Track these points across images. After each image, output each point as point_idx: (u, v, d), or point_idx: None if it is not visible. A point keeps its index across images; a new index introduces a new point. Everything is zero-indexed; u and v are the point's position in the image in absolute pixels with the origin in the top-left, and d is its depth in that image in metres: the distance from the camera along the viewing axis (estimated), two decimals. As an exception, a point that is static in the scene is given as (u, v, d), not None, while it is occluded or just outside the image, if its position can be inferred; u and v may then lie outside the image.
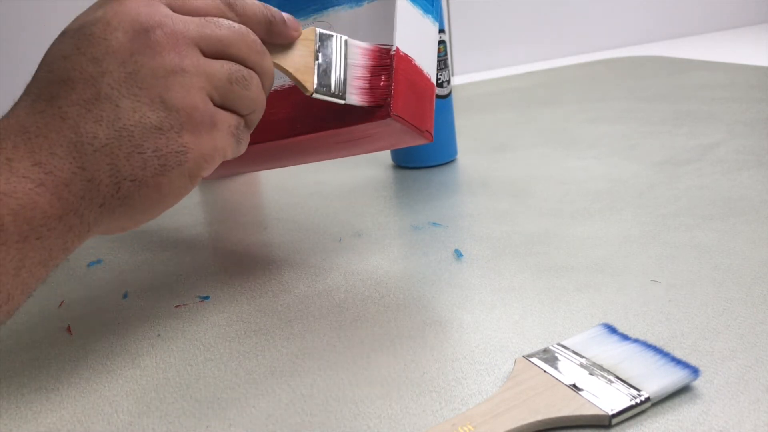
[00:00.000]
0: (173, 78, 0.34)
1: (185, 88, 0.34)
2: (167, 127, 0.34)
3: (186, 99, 0.34)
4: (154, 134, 0.34)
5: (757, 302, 0.38)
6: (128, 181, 0.33)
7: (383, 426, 0.32)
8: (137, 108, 0.33)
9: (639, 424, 0.30)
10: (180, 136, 0.34)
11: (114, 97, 0.33)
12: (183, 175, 0.35)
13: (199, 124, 0.35)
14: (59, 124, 0.33)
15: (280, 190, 0.68)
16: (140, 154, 0.33)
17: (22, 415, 0.35)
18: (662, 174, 0.60)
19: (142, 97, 0.33)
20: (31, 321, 0.46)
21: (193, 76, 0.35)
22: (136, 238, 0.59)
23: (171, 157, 0.34)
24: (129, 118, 0.33)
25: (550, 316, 0.39)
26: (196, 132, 0.35)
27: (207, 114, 0.35)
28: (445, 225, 0.54)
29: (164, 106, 0.34)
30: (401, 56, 0.41)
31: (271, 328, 0.41)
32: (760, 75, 0.95)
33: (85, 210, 0.33)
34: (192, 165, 0.35)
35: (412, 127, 0.41)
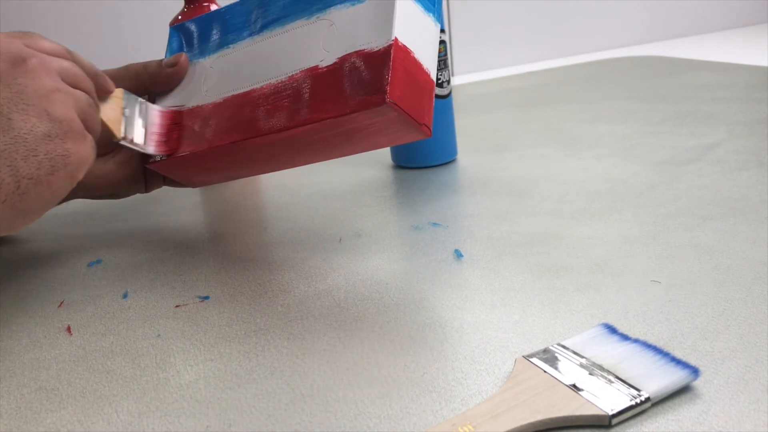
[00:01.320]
0: (54, 95, 0.41)
1: (63, 104, 0.41)
2: (54, 134, 0.40)
3: (66, 112, 0.41)
4: (44, 140, 0.40)
5: (757, 302, 0.38)
6: (26, 179, 0.39)
7: (383, 426, 0.32)
8: (27, 120, 0.40)
9: (639, 424, 0.30)
10: (64, 143, 0.41)
11: (5, 112, 0.39)
12: (68, 176, 0.41)
13: (77, 134, 0.42)
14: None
15: (280, 190, 0.68)
16: (35, 157, 0.39)
17: (22, 415, 0.35)
18: (662, 174, 0.60)
19: (30, 111, 0.40)
20: (31, 321, 0.46)
21: (66, 95, 0.42)
22: (136, 238, 0.59)
23: (59, 159, 0.40)
24: (21, 127, 0.39)
25: (550, 316, 0.39)
26: (75, 140, 0.41)
27: (80, 127, 0.42)
28: (445, 225, 0.54)
29: (50, 118, 0.40)
30: (399, 47, 0.41)
31: (271, 328, 0.41)
32: (760, 75, 0.95)
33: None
34: (73, 168, 0.41)
35: (409, 118, 0.41)
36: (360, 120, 0.42)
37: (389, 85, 0.40)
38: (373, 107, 0.40)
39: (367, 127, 0.43)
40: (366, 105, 0.40)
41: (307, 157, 0.50)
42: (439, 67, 0.67)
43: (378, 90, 0.40)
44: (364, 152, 0.48)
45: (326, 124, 0.43)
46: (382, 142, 0.46)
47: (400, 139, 0.45)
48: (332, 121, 0.42)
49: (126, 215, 0.66)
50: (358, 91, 0.41)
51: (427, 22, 0.44)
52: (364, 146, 0.47)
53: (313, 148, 0.48)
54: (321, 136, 0.45)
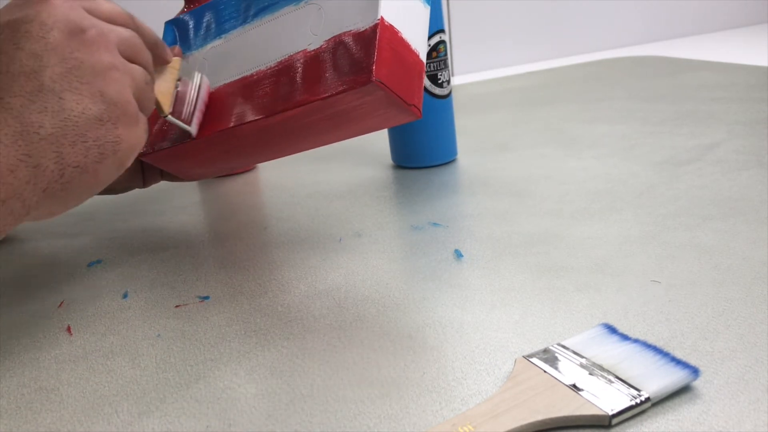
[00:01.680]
0: (110, 74, 0.38)
1: (120, 83, 0.38)
2: (106, 118, 0.37)
3: (121, 94, 0.38)
4: (95, 125, 0.37)
5: (757, 302, 0.38)
6: (72, 168, 0.36)
7: (383, 426, 0.32)
8: (79, 100, 0.36)
9: (639, 424, 0.30)
10: (116, 128, 0.38)
11: (57, 90, 0.35)
12: (116, 163, 0.38)
13: (130, 118, 0.39)
14: (2, 114, 0.34)
15: (280, 190, 0.68)
16: (83, 143, 0.36)
17: (22, 415, 0.35)
18: (662, 174, 0.60)
19: (83, 90, 0.36)
20: (31, 321, 0.46)
21: (123, 74, 0.38)
22: (136, 238, 0.59)
23: (108, 146, 0.37)
24: (73, 109, 0.36)
25: (550, 316, 0.39)
26: (127, 125, 0.38)
27: (135, 110, 0.39)
28: (445, 225, 0.54)
29: (103, 100, 0.37)
30: (386, 26, 0.41)
31: (271, 328, 0.41)
32: (760, 75, 0.95)
33: (29, 194, 0.35)
34: (122, 155, 0.38)
35: (397, 98, 0.41)
36: (348, 101, 0.41)
37: (375, 64, 0.39)
38: (360, 86, 0.40)
39: (356, 109, 0.42)
40: (353, 84, 0.40)
41: (299, 144, 0.49)
42: (439, 67, 0.67)
43: (364, 69, 0.40)
44: (356, 136, 0.48)
45: (315, 106, 0.42)
46: (372, 125, 0.45)
47: (390, 121, 0.44)
48: (320, 103, 0.42)
49: (126, 215, 0.66)
50: (345, 72, 0.41)
51: (415, 4, 0.44)
52: (355, 130, 0.46)
53: (305, 133, 0.47)
54: (311, 120, 0.44)
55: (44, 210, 0.37)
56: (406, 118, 0.43)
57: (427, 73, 0.66)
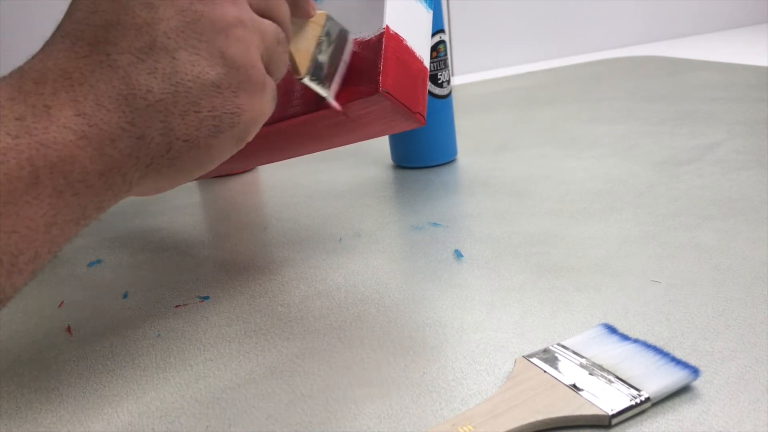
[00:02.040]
0: (234, 31, 0.32)
1: (245, 44, 0.32)
2: (225, 85, 0.32)
3: (246, 57, 0.32)
4: (211, 92, 0.31)
5: (757, 302, 0.38)
6: (181, 141, 0.31)
7: (383, 426, 0.32)
8: (196, 62, 0.31)
9: (639, 424, 0.30)
10: (237, 96, 0.32)
11: (171, 48, 0.30)
12: (233, 138, 0.33)
13: (255, 85, 0.33)
14: (108, 73, 0.30)
15: (280, 190, 0.68)
16: (196, 113, 0.31)
17: (22, 415, 0.35)
18: (662, 174, 0.60)
19: (201, 50, 0.31)
20: (31, 321, 0.46)
21: (251, 32, 0.33)
22: (136, 238, 0.59)
23: (225, 117, 0.32)
24: (187, 72, 0.30)
25: (550, 316, 0.39)
26: (251, 93, 0.33)
27: (261, 75, 0.33)
28: (445, 225, 0.54)
29: (224, 62, 0.31)
30: (391, 35, 0.41)
31: (271, 328, 0.41)
32: (760, 75, 0.95)
33: (131, 168, 0.31)
34: (242, 128, 0.33)
35: (403, 107, 0.41)
36: (354, 110, 0.41)
37: (382, 74, 0.39)
38: (366, 97, 0.40)
39: (362, 117, 0.43)
40: (359, 95, 0.40)
41: (303, 148, 0.49)
42: (439, 67, 0.67)
43: (370, 79, 0.40)
44: (360, 141, 0.48)
45: (320, 114, 0.42)
46: (377, 131, 0.45)
47: (394, 128, 0.44)
48: (326, 112, 0.42)
49: (126, 215, 0.66)
50: (351, 81, 0.41)
51: (419, 9, 0.44)
52: (360, 135, 0.46)
53: (309, 138, 0.47)
54: (316, 127, 0.44)
55: (149, 187, 0.33)
56: (411, 125, 0.43)
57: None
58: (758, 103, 0.80)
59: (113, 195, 0.31)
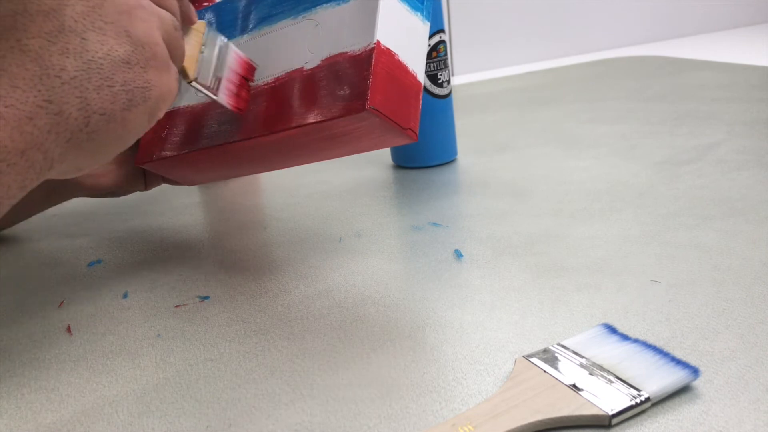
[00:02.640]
0: (135, 12, 0.34)
1: (147, 24, 0.35)
2: (134, 61, 0.34)
3: (150, 35, 0.35)
4: (122, 68, 0.33)
5: (757, 302, 0.38)
6: (98, 115, 0.33)
7: (383, 426, 0.32)
8: (104, 41, 0.33)
9: (639, 424, 0.30)
10: (146, 72, 0.34)
11: (79, 30, 0.32)
12: (145, 113, 0.35)
13: (161, 62, 0.35)
14: (19, 57, 0.31)
15: (280, 190, 0.68)
16: (110, 88, 0.33)
17: (22, 415, 0.35)
18: (662, 174, 0.60)
19: (107, 30, 0.33)
20: (31, 321, 0.46)
21: (151, 14, 0.35)
22: (136, 238, 0.59)
23: (137, 92, 0.34)
24: (97, 50, 0.33)
25: (550, 316, 0.39)
26: (158, 70, 0.35)
27: (165, 54, 0.36)
28: (445, 225, 0.54)
29: (130, 41, 0.34)
30: (382, 50, 0.40)
31: (271, 328, 0.41)
32: (760, 75, 0.95)
33: (51, 144, 0.32)
34: (153, 103, 0.35)
35: (393, 123, 0.40)
36: (342, 125, 0.41)
37: (370, 90, 0.39)
38: (354, 113, 0.39)
39: (351, 132, 0.42)
40: (347, 111, 0.39)
41: (296, 159, 0.49)
42: (439, 67, 0.67)
43: (359, 96, 0.39)
44: (353, 154, 0.47)
45: (309, 128, 0.42)
46: (367, 146, 0.45)
47: (385, 143, 0.44)
48: (314, 127, 0.41)
49: (126, 215, 0.66)
50: (340, 97, 0.40)
51: (414, 22, 0.43)
52: (350, 150, 0.46)
53: (301, 151, 0.47)
54: (305, 140, 0.44)
55: (70, 164, 0.34)
56: (402, 141, 0.43)
57: (427, 73, 0.66)
58: (758, 103, 0.80)
59: (35, 174, 0.32)
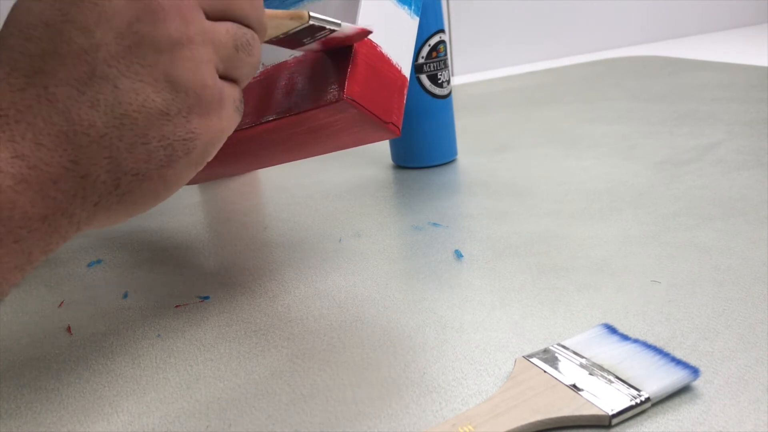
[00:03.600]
0: (179, 51, 0.29)
1: (194, 63, 0.29)
2: (175, 111, 0.29)
3: (195, 77, 0.29)
4: (160, 120, 0.29)
5: (757, 302, 0.38)
6: (130, 176, 0.29)
7: (383, 426, 0.32)
8: (140, 89, 0.28)
9: (639, 424, 0.30)
10: (189, 121, 0.30)
11: (112, 77, 0.28)
12: (189, 164, 0.31)
13: (209, 104, 0.30)
14: (46, 109, 0.27)
15: (280, 190, 0.68)
16: (144, 145, 0.29)
17: (22, 415, 0.35)
18: (662, 174, 0.60)
19: (144, 75, 0.28)
20: (31, 321, 0.46)
21: (200, 47, 0.30)
22: (136, 238, 0.59)
23: (178, 145, 0.29)
24: (131, 102, 0.28)
25: (550, 316, 0.39)
26: (205, 114, 0.30)
27: (216, 91, 0.31)
28: (445, 225, 0.54)
29: (171, 87, 0.29)
30: (363, 41, 0.39)
31: (271, 328, 0.41)
32: (760, 75, 0.95)
33: (77, 209, 0.29)
34: (200, 152, 0.31)
35: (372, 116, 0.39)
36: (321, 117, 0.40)
37: (347, 81, 0.38)
38: (330, 104, 0.38)
39: (331, 125, 0.41)
40: (323, 102, 0.39)
41: (280, 155, 0.48)
42: (439, 67, 0.67)
43: (337, 86, 0.38)
44: (334, 152, 0.46)
45: (288, 121, 0.41)
46: (349, 142, 0.44)
47: (367, 137, 0.43)
48: (294, 118, 0.41)
49: (126, 215, 0.66)
50: (319, 88, 0.39)
51: (400, 15, 0.43)
52: (334, 145, 0.45)
53: (283, 146, 0.46)
54: (288, 134, 0.43)
55: (100, 223, 0.31)
56: (383, 136, 0.42)
57: (427, 73, 0.66)
58: (758, 103, 0.80)
59: (60, 237, 0.29)
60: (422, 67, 0.66)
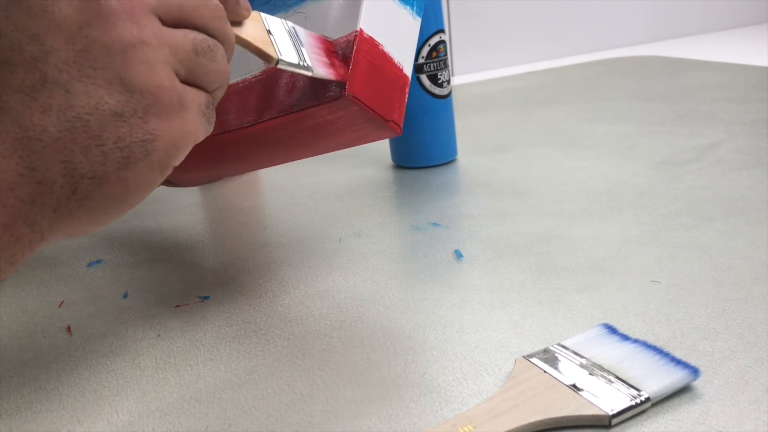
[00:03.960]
0: (132, 52, 0.29)
1: (148, 64, 0.29)
2: (129, 112, 0.29)
3: (150, 77, 0.29)
4: (114, 122, 0.28)
5: (757, 302, 0.38)
6: (86, 179, 0.29)
7: (383, 426, 0.32)
8: (92, 92, 0.28)
9: (639, 424, 0.30)
10: (146, 122, 0.29)
11: (63, 81, 0.28)
12: (151, 167, 0.30)
13: (167, 106, 0.30)
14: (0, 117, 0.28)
15: (280, 190, 0.68)
16: (99, 147, 0.28)
17: (22, 415, 0.35)
18: (662, 174, 0.60)
19: (97, 78, 0.28)
20: (31, 321, 0.46)
21: (155, 48, 0.30)
22: (136, 238, 0.59)
23: (136, 147, 0.29)
24: (83, 105, 0.28)
25: (550, 316, 0.39)
26: (164, 115, 0.30)
27: (175, 93, 0.30)
28: (445, 225, 0.54)
29: (124, 88, 0.29)
30: (364, 38, 0.40)
31: (271, 328, 0.41)
32: (760, 75, 0.95)
33: (37, 216, 0.28)
34: (162, 154, 0.30)
35: (374, 113, 0.39)
36: (322, 114, 0.40)
37: (349, 78, 0.38)
38: (333, 101, 0.38)
39: (332, 123, 0.41)
40: (325, 99, 0.39)
41: (279, 155, 0.48)
42: (439, 67, 0.67)
43: (338, 83, 0.38)
44: (334, 151, 0.47)
45: (289, 119, 0.41)
46: (350, 140, 0.44)
47: (368, 136, 0.43)
48: (295, 116, 0.41)
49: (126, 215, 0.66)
50: (321, 85, 0.39)
51: (402, 15, 0.43)
52: (333, 144, 0.45)
53: (286, 144, 0.46)
54: (289, 132, 0.43)
55: (65, 231, 0.30)
56: (384, 134, 0.42)
57: (427, 73, 0.66)
58: (758, 103, 0.80)
59: (24, 246, 0.29)
60: (422, 67, 0.66)
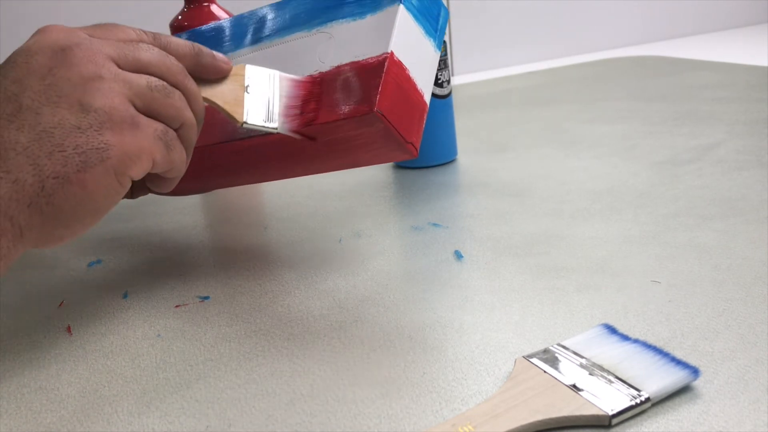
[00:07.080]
0: (91, 84, 0.36)
1: (103, 92, 0.36)
2: (86, 126, 0.35)
3: (104, 100, 0.36)
4: (73, 133, 0.35)
5: (757, 302, 0.38)
6: (51, 179, 0.35)
7: (383, 426, 0.32)
8: (56, 113, 0.35)
9: (639, 424, 0.30)
10: (100, 134, 0.36)
11: (34, 107, 0.35)
12: (107, 173, 0.36)
13: (120, 123, 0.36)
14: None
15: (280, 190, 0.68)
16: (61, 152, 0.35)
17: (22, 415, 0.35)
18: (662, 174, 0.60)
19: (61, 103, 0.35)
20: (31, 321, 0.46)
21: (112, 82, 0.36)
22: (136, 238, 0.59)
23: (92, 153, 0.35)
24: (49, 121, 0.35)
25: (550, 316, 0.39)
26: (117, 130, 0.36)
27: (127, 114, 0.36)
28: (445, 225, 0.54)
29: (82, 108, 0.36)
30: (394, 61, 0.41)
31: (271, 328, 0.41)
32: (760, 75, 0.95)
33: (14, 211, 0.35)
34: (116, 162, 0.36)
35: (396, 133, 0.41)
36: (347, 129, 0.41)
37: (379, 95, 0.39)
38: (361, 115, 0.40)
39: (354, 138, 0.42)
40: (354, 112, 0.40)
41: (289, 169, 0.49)
42: (439, 67, 0.67)
43: (367, 99, 0.40)
44: (351, 168, 0.47)
45: (314, 129, 0.42)
46: (368, 159, 0.45)
47: (385, 155, 0.44)
48: (319, 127, 0.41)
49: (126, 216, 0.66)
50: (348, 100, 0.41)
51: (426, 46, 0.44)
52: (348, 161, 0.46)
53: (298, 158, 0.47)
54: (303, 145, 0.44)
55: (41, 231, 0.36)
56: (401, 156, 0.43)
57: (427, 73, 0.66)
58: (758, 103, 0.80)
59: (8, 241, 0.35)
60: (422, 67, 0.66)
